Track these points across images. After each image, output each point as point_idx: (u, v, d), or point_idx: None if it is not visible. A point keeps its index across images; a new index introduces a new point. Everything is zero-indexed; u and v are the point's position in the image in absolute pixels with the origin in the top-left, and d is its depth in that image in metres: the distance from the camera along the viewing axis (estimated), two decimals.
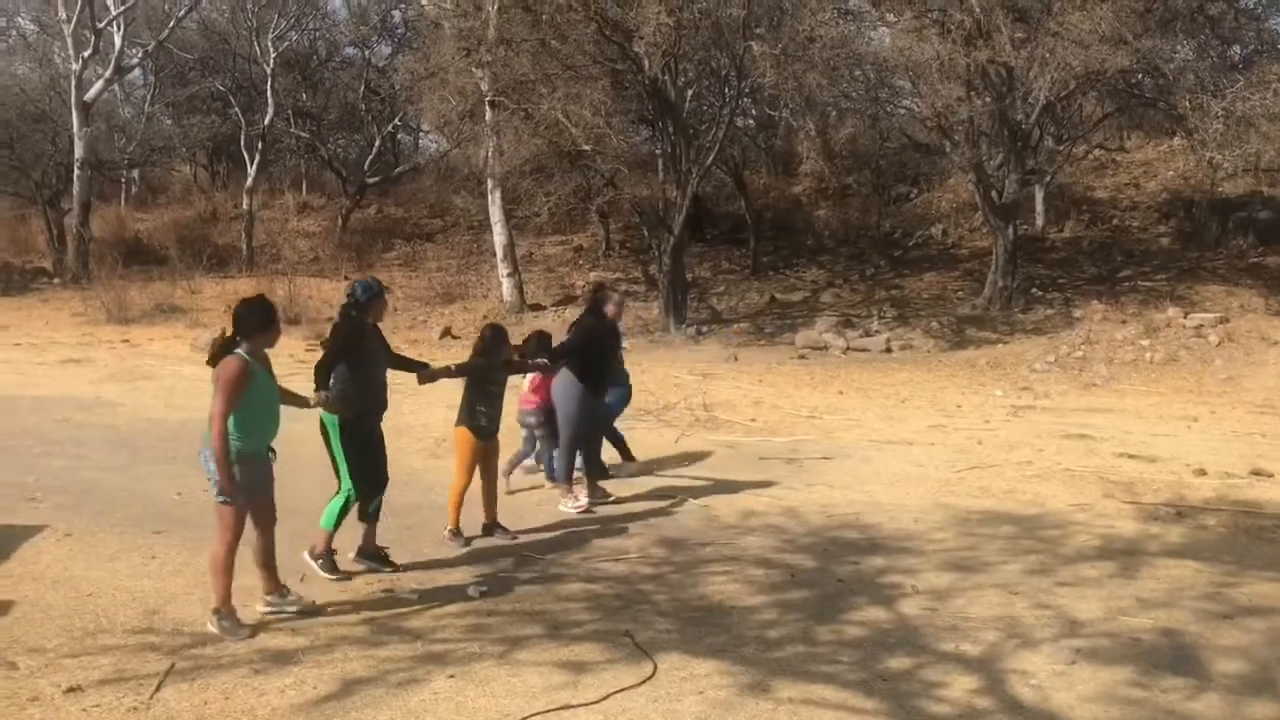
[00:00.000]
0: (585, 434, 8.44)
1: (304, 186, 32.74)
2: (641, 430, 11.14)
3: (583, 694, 4.74)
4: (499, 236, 21.75)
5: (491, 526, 7.48)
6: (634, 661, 5.13)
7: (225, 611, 5.46)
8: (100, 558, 6.69)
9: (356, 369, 6.36)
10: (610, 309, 8.52)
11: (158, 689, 4.68)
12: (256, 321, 5.54)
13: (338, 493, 6.44)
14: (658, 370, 15.40)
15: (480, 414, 7.29)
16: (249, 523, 5.60)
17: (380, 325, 6.76)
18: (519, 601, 6.05)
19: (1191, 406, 13.10)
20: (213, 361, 5.50)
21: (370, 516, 6.55)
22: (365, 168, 29.38)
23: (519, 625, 5.63)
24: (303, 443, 6.73)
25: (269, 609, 5.74)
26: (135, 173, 33.37)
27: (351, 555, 6.57)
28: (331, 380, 6.35)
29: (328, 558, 6.43)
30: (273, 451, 5.72)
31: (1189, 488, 8.89)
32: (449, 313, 21.31)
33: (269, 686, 4.74)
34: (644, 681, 4.89)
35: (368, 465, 6.45)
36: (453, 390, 7.67)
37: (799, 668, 5.10)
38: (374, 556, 6.62)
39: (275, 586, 5.82)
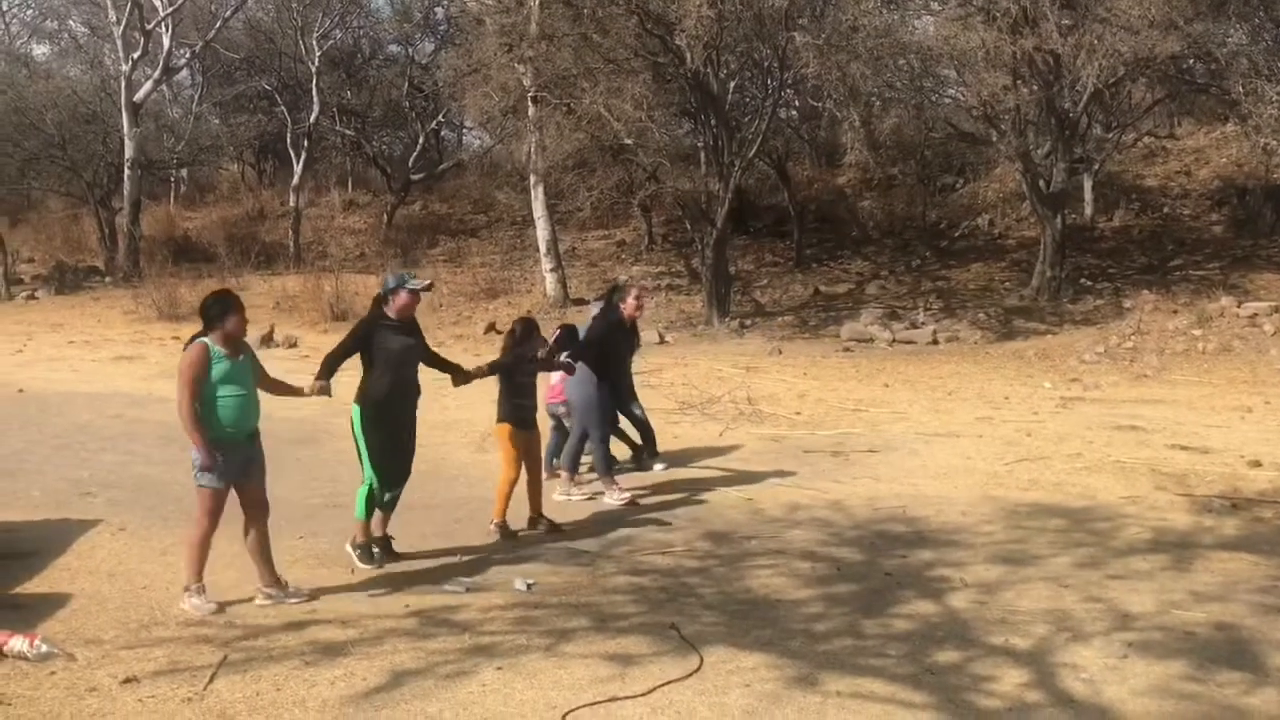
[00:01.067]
0: (609, 426, 8.42)
1: (349, 184, 33.05)
2: (685, 424, 11.14)
3: (630, 686, 4.75)
4: (542, 231, 21.82)
5: (536, 519, 7.52)
6: (680, 654, 5.13)
7: (196, 588, 5.70)
8: (154, 551, 6.80)
9: (373, 362, 6.48)
10: (628, 305, 8.33)
11: (211, 680, 4.75)
12: (216, 311, 5.78)
13: (362, 483, 6.55)
14: (701, 364, 15.38)
15: (518, 406, 7.37)
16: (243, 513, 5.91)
17: (418, 320, 6.82)
18: (565, 594, 6.07)
19: (1246, 397, 12.86)
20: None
21: (385, 506, 6.62)
22: (410, 164, 29.61)
23: (566, 618, 5.65)
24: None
25: (266, 601, 5.86)
26: (184, 172, 33.88)
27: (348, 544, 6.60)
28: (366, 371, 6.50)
29: (366, 548, 6.53)
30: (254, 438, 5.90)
31: (1243, 479, 8.73)
32: (493, 308, 21.41)
33: (319, 678, 4.80)
34: (690, 674, 4.89)
35: (387, 456, 6.51)
36: (496, 385, 7.71)
37: (846, 661, 5.08)
38: (380, 543, 6.65)
39: (272, 579, 5.93)
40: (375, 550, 6.58)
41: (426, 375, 6.82)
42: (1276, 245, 20.09)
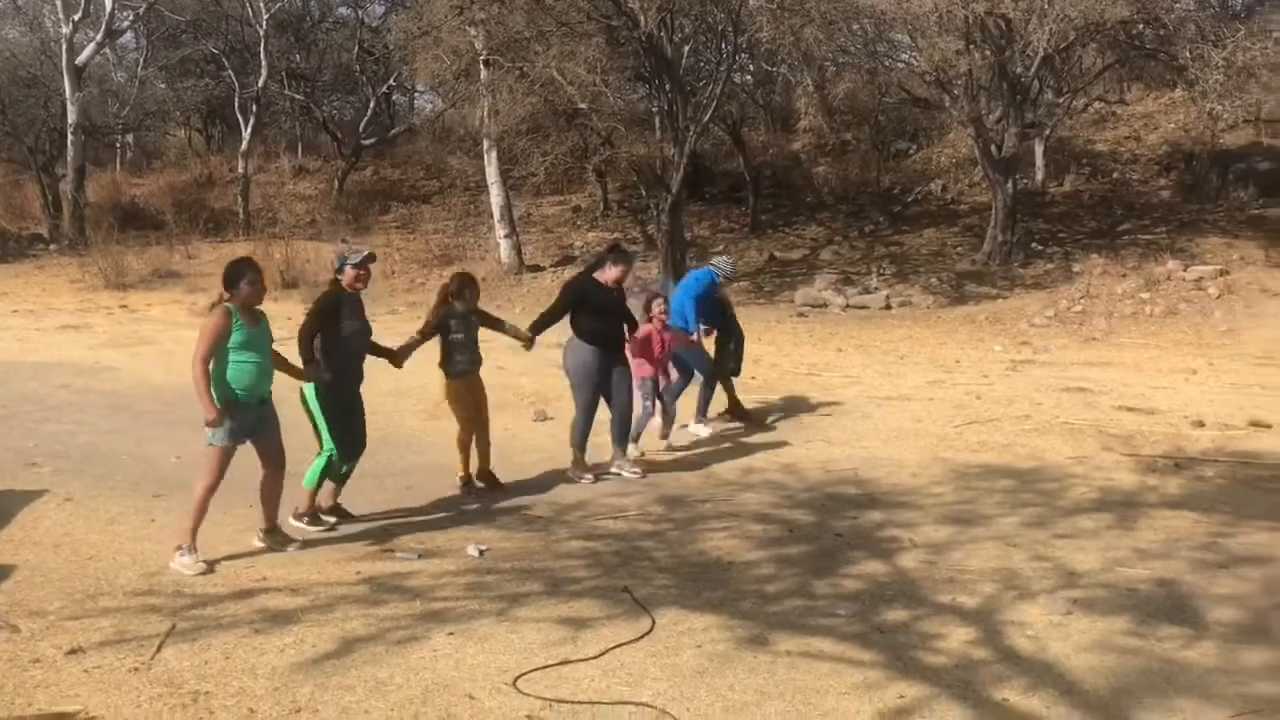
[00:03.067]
0: (595, 398, 8.03)
1: (299, 149, 32.54)
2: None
3: (582, 649, 4.77)
4: (496, 197, 21.64)
5: (482, 474, 7.64)
6: (632, 617, 5.15)
7: (187, 547, 5.86)
8: (100, 521, 6.72)
9: (332, 338, 6.63)
10: (607, 273, 8.02)
11: (159, 649, 4.70)
12: (237, 277, 6.00)
13: (319, 454, 6.72)
14: None
15: (456, 361, 7.48)
16: (258, 461, 6.22)
17: (365, 293, 6.97)
18: (518, 559, 6.07)
19: (1190, 359, 13.10)
20: None
21: (340, 479, 6.86)
22: (360, 129, 29.17)
23: (518, 583, 5.65)
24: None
25: (260, 544, 6.26)
26: (129, 137, 33.21)
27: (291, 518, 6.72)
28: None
29: (314, 516, 6.74)
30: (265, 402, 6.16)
31: (1187, 439, 8.90)
32: (447, 275, 20.99)
33: (269, 645, 4.76)
34: (642, 636, 4.91)
35: (346, 430, 6.73)
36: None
37: (796, 621, 5.13)
38: (334, 512, 6.88)
39: (271, 524, 6.32)
40: (323, 516, 6.80)
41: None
42: (1221, 209, 20.38)
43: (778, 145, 27.32)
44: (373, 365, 7.10)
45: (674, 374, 9.13)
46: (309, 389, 6.65)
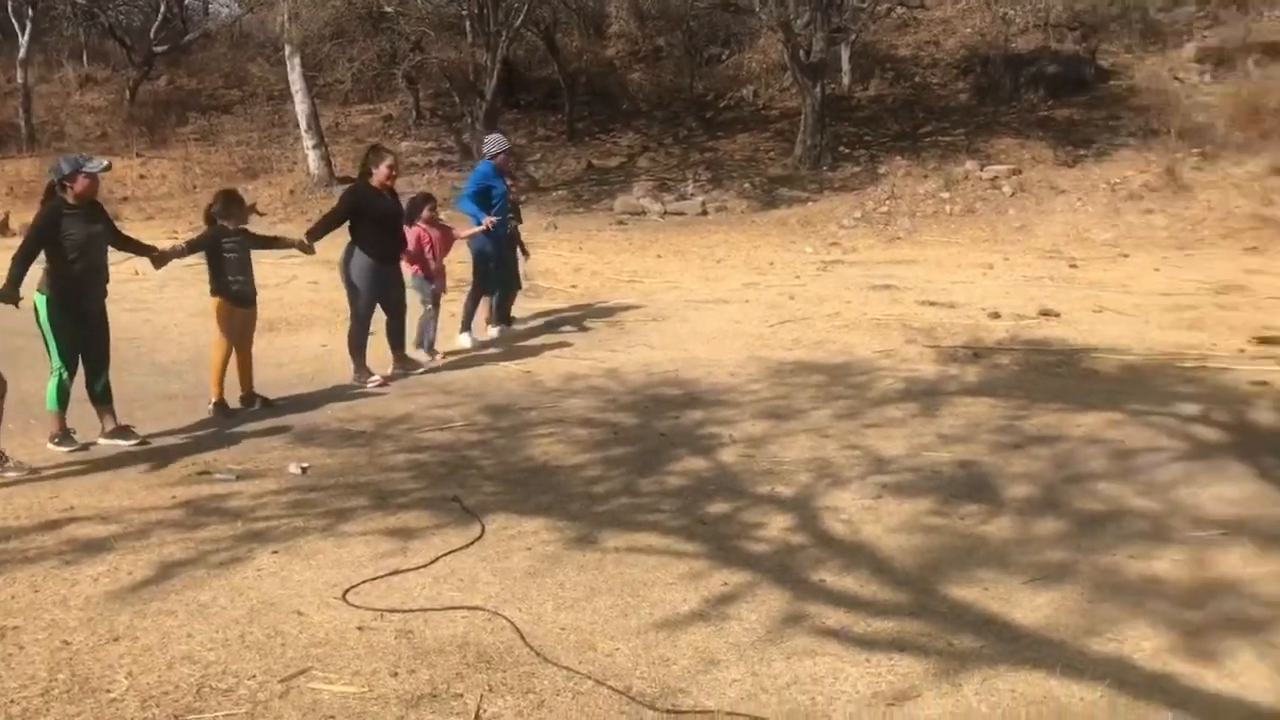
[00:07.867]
0: (372, 307, 8.20)
1: (85, 57, 30.30)
2: (461, 301, 11.02)
3: (412, 559, 4.76)
4: (301, 106, 20.74)
5: (249, 397, 7.50)
6: (462, 525, 5.17)
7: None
8: None
9: (58, 251, 6.30)
10: (381, 171, 8.06)
11: None
12: None
13: (51, 373, 6.47)
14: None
15: (230, 281, 7.28)
16: None
17: (102, 204, 6.72)
18: (342, 475, 5.98)
19: (987, 254, 13.81)
20: None
21: (100, 397, 6.64)
22: (152, 36, 27.37)
23: (344, 498, 5.58)
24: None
25: None
26: None
27: (99, 439, 6.60)
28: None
29: (65, 436, 6.51)
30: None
31: (984, 330, 9.44)
32: (253, 188, 20.35)
33: (81, 575, 4.58)
34: (473, 542, 4.94)
35: (76, 345, 6.47)
36: (270, 267, 7.47)
37: (624, 519, 5.25)
38: (118, 434, 6.64)
39: None
40: (73, 432, 6.56)
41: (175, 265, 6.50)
42: (1014, 111, 21.32)
43: (592, 51, 27.02)
44: (190, 288, 6.83)
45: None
46: (40, 304, 6.32)
